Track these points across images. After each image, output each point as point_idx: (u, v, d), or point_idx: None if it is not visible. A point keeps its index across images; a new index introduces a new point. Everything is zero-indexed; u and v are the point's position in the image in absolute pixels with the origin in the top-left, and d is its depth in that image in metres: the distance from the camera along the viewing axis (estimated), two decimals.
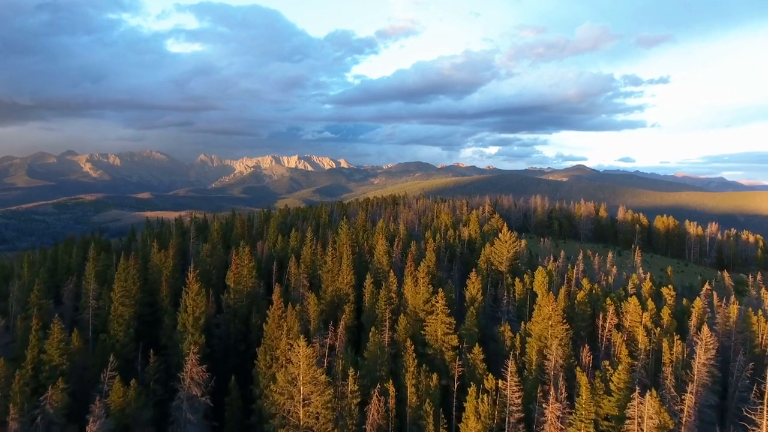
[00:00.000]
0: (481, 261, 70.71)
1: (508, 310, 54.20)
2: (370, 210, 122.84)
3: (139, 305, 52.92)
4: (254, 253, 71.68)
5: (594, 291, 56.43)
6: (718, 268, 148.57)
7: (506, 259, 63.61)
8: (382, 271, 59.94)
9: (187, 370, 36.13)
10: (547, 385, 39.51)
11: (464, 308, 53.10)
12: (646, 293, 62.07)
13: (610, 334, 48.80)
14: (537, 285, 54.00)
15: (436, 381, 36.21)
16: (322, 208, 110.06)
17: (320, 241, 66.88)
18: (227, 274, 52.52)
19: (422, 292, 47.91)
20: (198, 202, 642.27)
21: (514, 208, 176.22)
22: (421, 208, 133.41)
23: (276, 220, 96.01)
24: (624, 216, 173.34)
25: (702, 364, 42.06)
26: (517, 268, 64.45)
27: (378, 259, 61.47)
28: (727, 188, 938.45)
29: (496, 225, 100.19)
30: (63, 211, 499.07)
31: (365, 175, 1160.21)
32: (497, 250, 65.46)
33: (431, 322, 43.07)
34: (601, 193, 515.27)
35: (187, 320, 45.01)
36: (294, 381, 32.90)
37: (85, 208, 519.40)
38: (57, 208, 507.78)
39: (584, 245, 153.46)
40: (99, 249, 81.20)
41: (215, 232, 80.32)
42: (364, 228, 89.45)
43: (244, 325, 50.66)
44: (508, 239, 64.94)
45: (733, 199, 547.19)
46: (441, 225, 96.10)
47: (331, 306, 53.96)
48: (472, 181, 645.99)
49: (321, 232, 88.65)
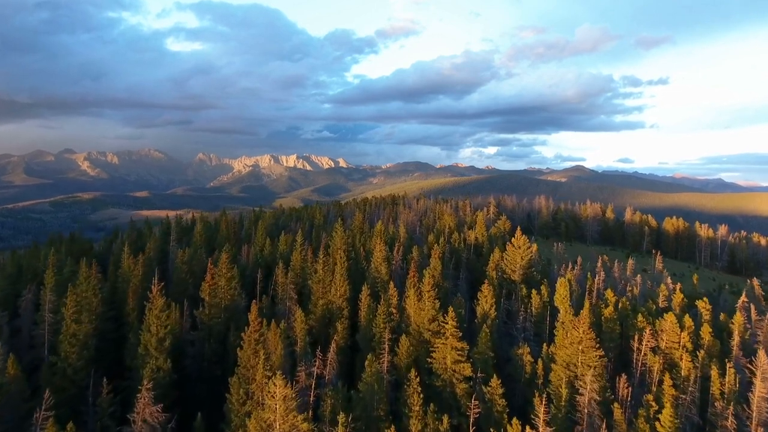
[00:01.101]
0: (490, 268, 63.82)
1: (525, 327, 47.26)
2: (369, 210, 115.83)
3: (101, 320, 45.95)
4: (239, 259, 64.72)
5: (621, 305, 49.51)
6: (730, 272, 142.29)
7: (520, 267, 56.65)
8: (380, 281, 52.97)
9: (139, 410, 29.10)
10: (580, 425, 32.63)
11: (474, 324, 46.24)
12: (677, 306, 55.17)
13: (645, 358, 41.89)
14: (559, 299, 47.02)
15: (446, 425, 29.26)
16: (317, 209, 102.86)
17: (311, 246, 59.79)
18: (202, 286, 45.42)
19: (427, 309, 40.95)
20: (196, 201, 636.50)
21: (518, 208, 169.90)
22: (421, 209, 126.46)
23: (266, 221, 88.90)
24: (632, 217, 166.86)
25: (762, 398, 35.17)
26: (531, 277, 57.53)
27: (376, 267, 54.46)
28: (725, 189, 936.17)
29: (503, 227, 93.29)
30: (60, 209, 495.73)
31: (364, 174, 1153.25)
32: (509, 257, 58.50)
33: (439, 346, 36.06)
34: (601, 194, 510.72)
35: (150, 342, 38.00)
36: (269, 429, 25.96)
37: (83, 207, 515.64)
38: (54, 206, 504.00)
39: (591, 247, 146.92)
40: (76, 252, 74.29)
41: (198, 234, 73.25)
42: (361, 230, 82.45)
43: (220, 345, 43.63)
44: (522, 245, 57.97)
45: (731, 201, 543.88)
46: (444, 227, 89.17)
47: (321, 322, 47.02)
48: (471, 181, 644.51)
49: (315, 234, 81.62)
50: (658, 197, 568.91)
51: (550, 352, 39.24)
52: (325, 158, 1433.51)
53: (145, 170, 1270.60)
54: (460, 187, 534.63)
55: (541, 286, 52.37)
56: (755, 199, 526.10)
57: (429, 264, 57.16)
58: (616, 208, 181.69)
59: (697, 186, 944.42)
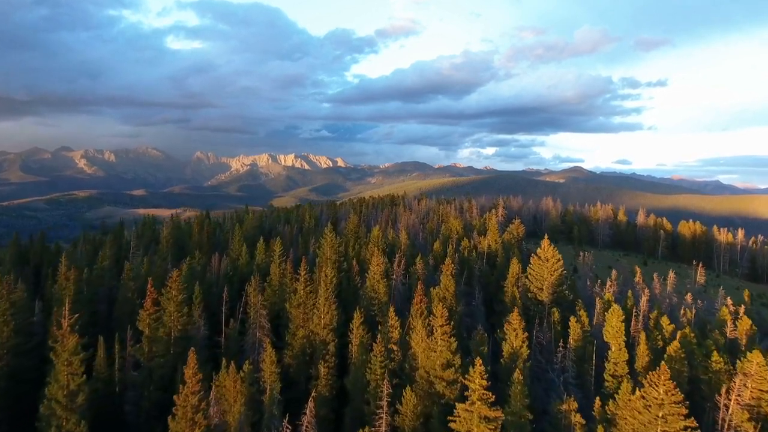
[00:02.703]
0: (509, 285, 53.13)
1: (564, 366, 36.50)
2: (365, 212, 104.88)
3: (13, 354, 35.28)
4: (208, 270, 53.90)
5: (682, 336, 38.79)
6: (751, 280, 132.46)
7: (549, 284, 45.93)
8: (377, 303, 42.23)
9: None
10: None
11: (498, 366, 35.54)
12: (742, 335, 44.49)
13: (731, 415, 31.19)
14: (610, 333, 36.15)
15: None
16: (307, 210, 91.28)
17: (291, 259, 48.78)
18: (140, 314, 34.52)
19: (441, 350, 30.26)
20: (193, 199, 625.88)
21: (524, 210, 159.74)
22: (423, 211, 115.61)
23: (249, 223, 77.83)
24: (645, 221, 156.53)
25: None
26: (562, 296, 46.80)
27: (372, 285, 43.62)
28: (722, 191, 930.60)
29: (516, 233, 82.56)
30: (55, 207, 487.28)
31: (362, 174, 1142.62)
32: (535, 272, 47.74)
33: (462, 414, 25.13)
34: (599, 195, 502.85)
35: (57, 395, 27.36)
36: None
37: (78, 205, 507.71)
38: (49, 204, 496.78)
39: (603, 252, 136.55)
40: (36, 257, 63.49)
41: (166, 240, 62.37)
42: (356, 235, 71.67)
43: (162, 392, 32.91)
44: (551, 256, 47.19)
45: (730, 203, 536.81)
46: (451, 232, 78.47)
47: (301, 359, 36.29)
48: (470, 182, 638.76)
49: (302, 240, 70.82)
50: (657, 199, 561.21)
51: (608, 412, 28.56)
52: (323, 158, 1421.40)
53: (143, 168, 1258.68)
54: (458, 188, 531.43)
55: (579, 310, 41.68)
56: (754, 202, 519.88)
57: (437, 280, 46.45)
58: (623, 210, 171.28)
59: (695, 188, 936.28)
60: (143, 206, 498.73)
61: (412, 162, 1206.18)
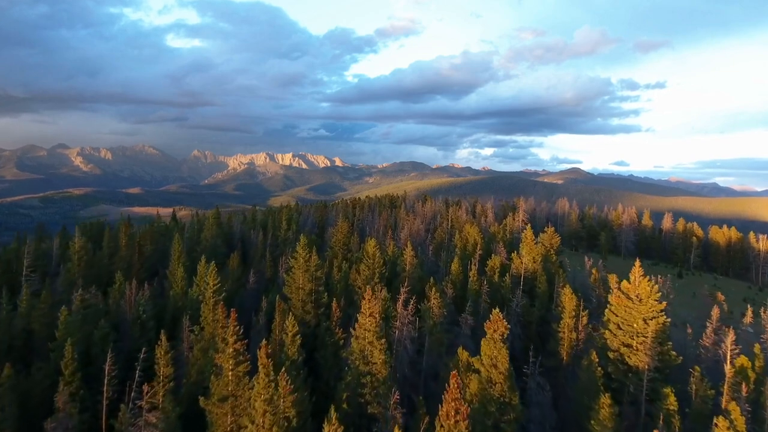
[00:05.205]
0: (564, 327, 35.73)
1: None
2: (360, 215, 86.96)
3: None
4: (120, 306, 36.05)
5: None
6: None
7: (648, 338, 28.26)
8: (370, 384, 24.59)
9: None
10: None
11: None
12: None
13: None
14: None
15: None
16: (284, 214, 71.83)
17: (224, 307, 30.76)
18: None
19: None
20: (189, 198, 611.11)
21: (537, 213, 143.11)
22: (428, 214, 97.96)
23: (210, 230, 59.79)
24: (672, 226, 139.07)
25: None
26: (666, 360, 29.06)
27: (363, 351, 25.80)
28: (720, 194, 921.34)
29: (550, 244, 64.59)
30: (49, 205, 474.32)
31: (360, 173, 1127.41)
32: (622, 318, 30.03)
33: None
34: (597, 197, 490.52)
35: None
36: None
37: (73, 203, 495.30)
38: (43, 201, 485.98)
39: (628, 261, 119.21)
40: None
41: (76, 254, 44.37)
42: (345, 248, 54.00)
43: None
44: (644, 293, 29.56)
45: (729, 205, 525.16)
46: (467, 243, 60.91)
47: None
48: (468, 182, 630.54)
49: (271, 257, 53.00)
50: (656, 201, 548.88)
51: None
52: (321, 157, 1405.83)
53: (139, 167, 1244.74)
54: (456, 188, 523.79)
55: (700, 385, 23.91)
56: (753, 204, 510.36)
57: (461, 331, 28.75)
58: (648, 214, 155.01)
59: (692, 190, 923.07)
60: (139, 204, 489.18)
61: (410, 162, 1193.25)
